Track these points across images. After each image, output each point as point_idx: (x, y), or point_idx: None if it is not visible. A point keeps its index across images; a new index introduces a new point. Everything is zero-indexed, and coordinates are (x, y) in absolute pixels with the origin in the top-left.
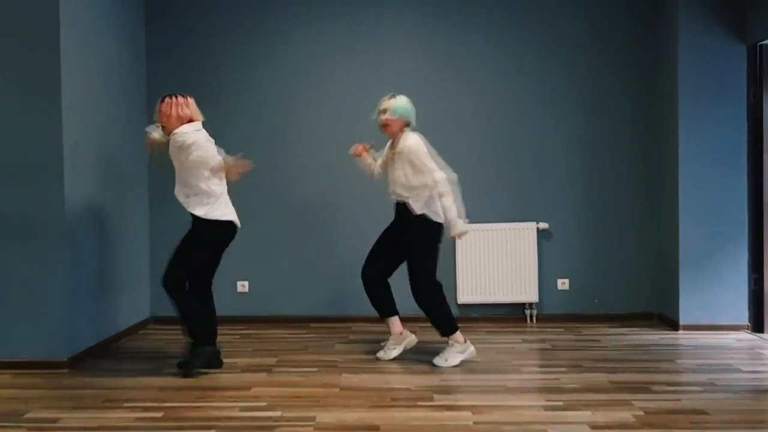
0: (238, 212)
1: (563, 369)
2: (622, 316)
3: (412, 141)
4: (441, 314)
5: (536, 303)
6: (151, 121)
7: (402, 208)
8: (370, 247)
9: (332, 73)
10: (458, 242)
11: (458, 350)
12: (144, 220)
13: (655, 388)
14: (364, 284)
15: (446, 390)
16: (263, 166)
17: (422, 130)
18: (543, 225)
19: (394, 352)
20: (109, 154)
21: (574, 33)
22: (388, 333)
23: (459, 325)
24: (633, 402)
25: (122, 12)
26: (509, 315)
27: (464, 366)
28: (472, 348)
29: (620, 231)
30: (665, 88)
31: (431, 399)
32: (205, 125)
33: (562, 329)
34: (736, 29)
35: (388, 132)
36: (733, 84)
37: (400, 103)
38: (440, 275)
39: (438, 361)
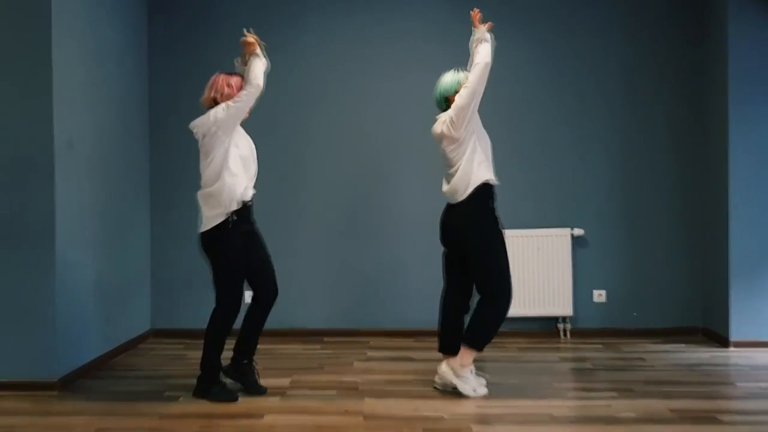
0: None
1: (613, 393)
2: (663, 330)
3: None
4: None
5: (570, 316)
6: (153, 121)
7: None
8: (387, 256)
9: (351, 67)
10: None
11: (474, 376)
12: (145, 223)
13: (723, 417)
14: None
15: (485, 419)
16: (274, 170)
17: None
18: (578, 231)
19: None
20: (107, 153)
21: (613, 25)
22: (405, 348)
23: None
24: None
25: (122, 7)
26: (541, 329)
27: (501, 389)
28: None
29: (662, 238)
30: (714, 86)
31: (469, 430)
32: None
33: (600, 345)
34: None
35: None
36: None
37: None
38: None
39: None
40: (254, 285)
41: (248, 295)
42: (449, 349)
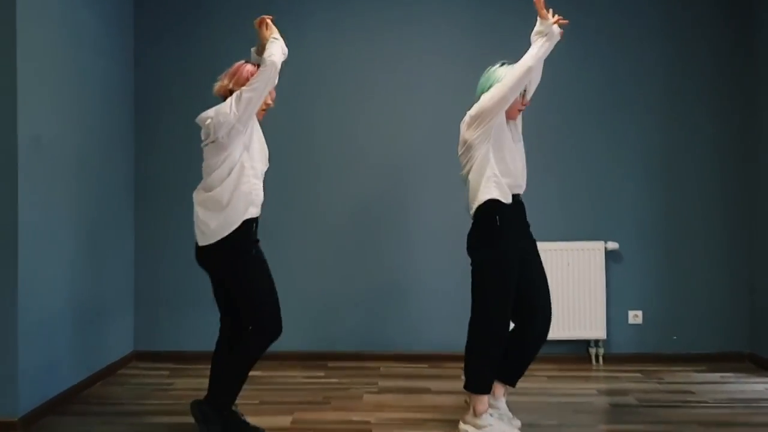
0: None
1: None
2: (706, 356)
3: None
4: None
5: (603, 340)
6: (139, 117)
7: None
8: (399, 271)
9: (355, 67)
10: None
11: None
12: (128, 234)
13: None
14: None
15: None
16: (275, 176)
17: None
18: (612, 245)
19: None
20: (85, 153)
21: (653, 24)
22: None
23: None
24: None
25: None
26: (570, 354)
27: (540, 430)
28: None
29: (704, 254)
30: (761, 94)
31: None
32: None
33: (639, 374)
34: None
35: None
36: None
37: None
38: None
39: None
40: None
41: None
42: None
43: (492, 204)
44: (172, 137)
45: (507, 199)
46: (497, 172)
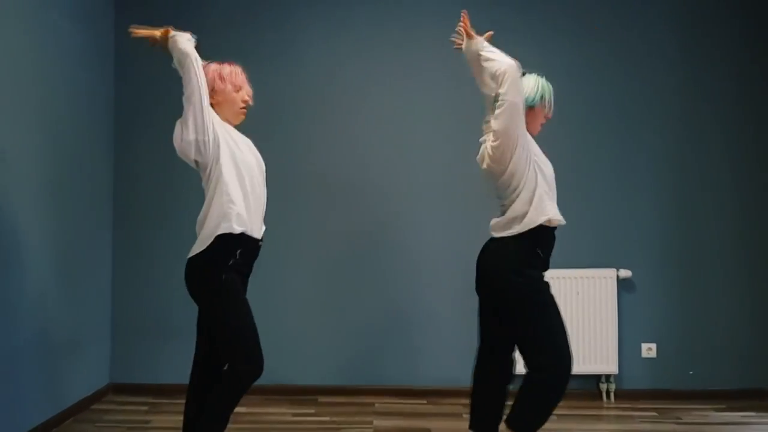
0: None
1: None
2: (725, 393)
3: None
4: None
5: (615, 375)
6: (119, 132)
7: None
8: (394, 302)
9: (353, 84)
10: None
11: None
12: (105, 257)
13: None
14: None
15: None
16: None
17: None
18: (625, 273)
19: None
20: (56, 167)
21: (666, 40)
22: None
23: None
24: None
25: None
26: (579, 389)
27: None
28: None
29: (722, 284)
30: None
31: None
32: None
33: (654, 412)
34: None
35: None
36: None
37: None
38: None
39: None
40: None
41: None
42: (482, 428)
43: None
44: (154, 156)
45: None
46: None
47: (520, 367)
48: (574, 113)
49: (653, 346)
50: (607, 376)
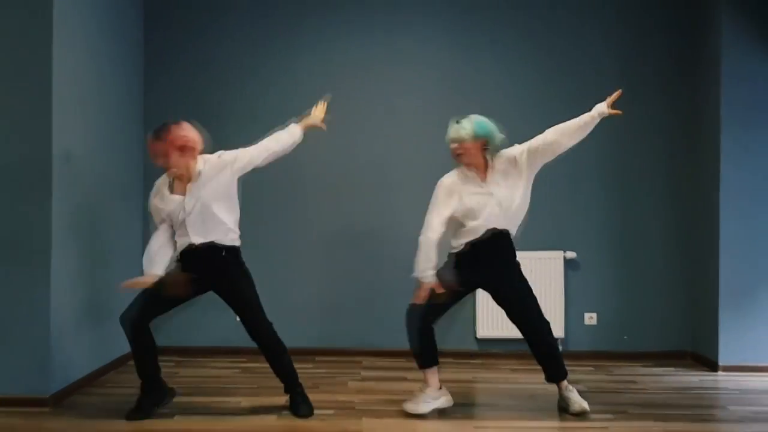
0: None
1: (609, 415)
2: (653, 354)
3: None
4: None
5: (561, 339)
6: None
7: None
8: (381, 278)
9: (343, 93)
10: None
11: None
12: (137, 239)
13: None
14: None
15: None
16: (267, 186)
17: (439, 150)
18: (570, 254)
19: (427, 408)
20: (102, 166)
21: (602, 54)
22: (398, 368)
23: (478, 361)
24: None
25: (118, 15)
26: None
27: (498, 409)
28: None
29: (653, 263)
30: (706, 112)
31: None
32: (207, 144)
33: (592, 368)
34: None
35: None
36: None
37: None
38: (457, 307)
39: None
40: None
41: None
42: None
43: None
44: None
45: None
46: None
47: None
48: (529, 119)
49: (594, 315)
50: (555, 340)
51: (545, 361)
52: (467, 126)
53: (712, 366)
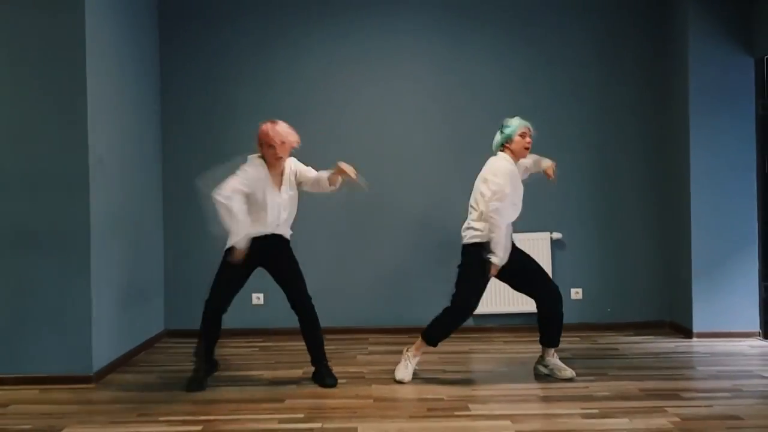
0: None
1: (590, 377)
2: (634, 324)
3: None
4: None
5: None
6: (166, 136)
7: None
8: (386, 261)
9: (346, 86)
10: None
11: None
12: (158, 232)
13: (685, 395)
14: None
15: (480, 400)
16: None
17: (435, 139)
18: (557, 235)
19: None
20: (128, 167)
21: (584, 47)
22: (403, 343)
23: (474, 335)
24: (667, 408)
25: (138, 31)
26: (524, 324)
27: (492, 375)
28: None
29: (633, 240)
30: (676, 100)
31: (467, 409)
32: (222, 142)
33: (578, 338)
34: (744, 43)
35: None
36: (743, 96)
37: None
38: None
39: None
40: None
41: (255, 297)
42: None
43: None
44: (194, 150)
45: None
46: None
47: None
48: (520, 106)
49: (580, 290)
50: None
51: (548, 326)
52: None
53: (687, 333)
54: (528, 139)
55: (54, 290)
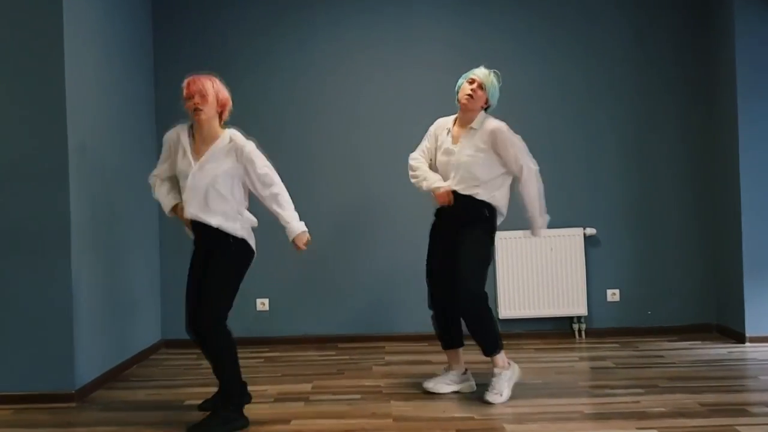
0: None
1: (639, 390)
2: (677, 328)
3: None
4: (487, 329)
5: (585, 316)
6: (160, 127)
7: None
8: (400, 260)
9: (356, 73)
10: (498, 250)
11: (506, 377)
12: (153, 233)
13: (754, 410)
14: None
15: (517, 418)
16: (284, 173)
17: None
18: (590, 231)
19: (447, 389)
20: (117, 160)
21: (616, 25)
22: (421, 352)
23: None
24: (737, 428)
25: (128, 11)
26: (555, 330)
27: (526, 389)
28: (516, 368)
29: (674, 236)
30: (721, 83)
31: (503, 429)
32: None
33: (617, 344)
34: None
35: (470, 106)
36: None
37: (493, 81)
38: None
39: (492, 398)
40: None
41: (260, 303)
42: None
43: None
44: None
45: None
46: None
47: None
48: (549, 94)
49: (617, 291)
50: (579, 318)
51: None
52: (485, 73)
53: (739, 338)
54: (473, 86)
55: (31, 297)
